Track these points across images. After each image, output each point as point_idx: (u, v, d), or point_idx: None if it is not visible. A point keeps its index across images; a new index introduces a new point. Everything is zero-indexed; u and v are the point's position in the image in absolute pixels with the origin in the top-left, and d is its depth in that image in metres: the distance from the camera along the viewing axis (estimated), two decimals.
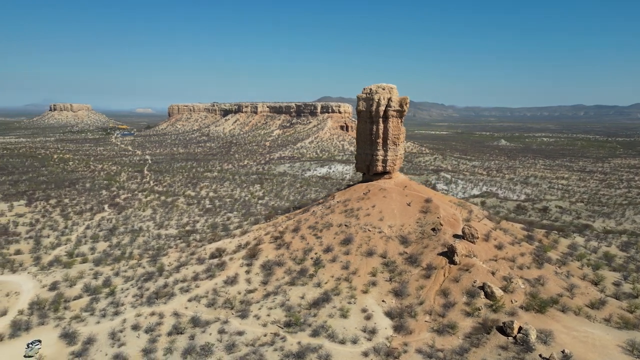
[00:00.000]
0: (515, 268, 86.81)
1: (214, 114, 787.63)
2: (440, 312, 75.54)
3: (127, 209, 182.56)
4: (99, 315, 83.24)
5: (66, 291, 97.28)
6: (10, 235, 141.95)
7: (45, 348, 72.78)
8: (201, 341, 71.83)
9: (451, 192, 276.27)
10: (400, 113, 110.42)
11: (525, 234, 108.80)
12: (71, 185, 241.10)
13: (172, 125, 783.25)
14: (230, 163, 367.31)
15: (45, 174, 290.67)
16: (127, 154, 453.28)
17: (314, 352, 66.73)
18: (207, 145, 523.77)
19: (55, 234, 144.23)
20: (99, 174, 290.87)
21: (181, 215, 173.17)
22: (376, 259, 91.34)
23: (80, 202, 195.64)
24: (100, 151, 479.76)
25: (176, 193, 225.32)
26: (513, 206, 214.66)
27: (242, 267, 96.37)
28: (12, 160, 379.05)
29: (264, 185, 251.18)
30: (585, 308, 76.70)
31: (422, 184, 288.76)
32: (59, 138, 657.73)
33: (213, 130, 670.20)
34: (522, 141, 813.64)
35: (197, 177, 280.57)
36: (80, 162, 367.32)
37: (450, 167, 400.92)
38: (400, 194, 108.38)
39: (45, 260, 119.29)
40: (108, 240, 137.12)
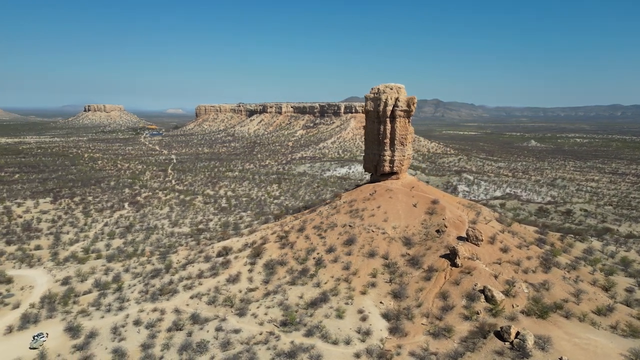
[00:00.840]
0: (520, 272, 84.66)
1: (239, 114, 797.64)
2: (438, 315, 74.43)
3: (145, 207, 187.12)
4: (104, 310, 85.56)
5: (77, 286, 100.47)
6: (32, 231, 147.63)
7: (50, 341, 75.31)
8: (198, 338, 72.83)
9: (472, 193, 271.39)
10: (407, 113, 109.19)
11: (537, 237, 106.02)
12: (96, 184, 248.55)
13: (199, 126, 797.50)
14: (252, 163, 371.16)
15: (74, 173, 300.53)
16: (154, 154, 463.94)
17: (306, 352, 66.78)
18: (231, 145, 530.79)
19: (75, 231, 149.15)
20: (124, 173, 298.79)
21: (196, 214, 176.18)
22: (378, 260, 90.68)
23: (102, 200, 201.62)
24: (128, 150, 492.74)
25: (195, 192, 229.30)
26: (535, 209, 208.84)
27: (246, 265, 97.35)
28: (44, 159, 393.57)
29: (281, 185, 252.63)
30: (591, 314, 74.23)
31: (443, 185, 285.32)
32: (91, 138, 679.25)
33: (238, 130, 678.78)
34: (553, 142, 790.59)
35: (218, 177, 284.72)
36: (109, 161, 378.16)
37: (475, 168, 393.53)
38: (407, 194, 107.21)
39: (62, 255, 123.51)
40: (123, 237, 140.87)
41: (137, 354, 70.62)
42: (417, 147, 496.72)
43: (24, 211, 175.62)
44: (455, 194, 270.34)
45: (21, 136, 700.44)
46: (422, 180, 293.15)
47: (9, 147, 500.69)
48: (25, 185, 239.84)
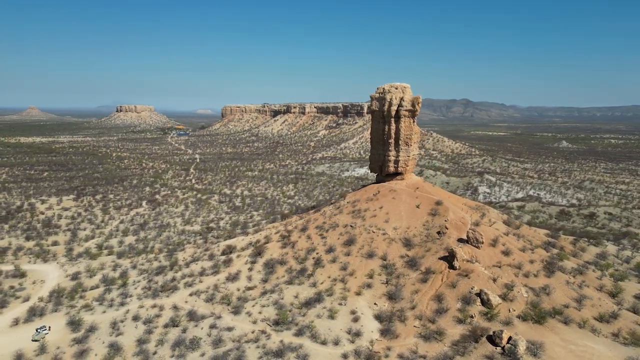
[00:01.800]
0: (521, 275, 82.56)
1: (264, 114, 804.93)
2: (431, 317, 73.37)
3: (162, 205, 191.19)
4: (107, 305, 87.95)
5: (85, 281, 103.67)
6: (51, 227, 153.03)
7: (53, 334, 77.87)
8: (192, 335, 73.93)
9: (493, 195, 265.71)
10: (412, 113, 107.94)
11: (546, 241, 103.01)
12: (119, 182, 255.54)
13: (225, 126, 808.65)
14: (273, 163, 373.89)
15: (100, 171, 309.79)
16: (179, 153, 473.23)
17: (293, 352, 66.93)
18: (254, 145, 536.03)
19: (92, 228, 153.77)
20: (147, 172, 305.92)
21: (209, 212, 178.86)
22: (376, 261, 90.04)
23: (122, 198, 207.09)
24: (155, 150, 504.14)
25: (213, 191, 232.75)
26: (556, 211, 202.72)
27: (247, 264, 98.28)
28: (74, 157, 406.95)
29: (297, 185, 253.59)
30: (592, 321, 71.81)
31: (464, 186, 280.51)
32: (121, 137, 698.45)
33: (262, 130, 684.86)
34: (586, 143, 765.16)
35: (237, 176, 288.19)
36: (134, 160, 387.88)
37: (499, 170, 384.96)
38: (411, 195, 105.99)
39: (76, 251, 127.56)
40: (136, 235, 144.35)
41: (132, 348, 72.28)
42: (441, 148, 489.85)
43: (46, 208, 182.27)
44: (475, 195, 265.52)
45: (55, 136, 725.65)
46: (442, 181, 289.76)
47: (43, 146, 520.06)
48: (52, 183, 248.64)
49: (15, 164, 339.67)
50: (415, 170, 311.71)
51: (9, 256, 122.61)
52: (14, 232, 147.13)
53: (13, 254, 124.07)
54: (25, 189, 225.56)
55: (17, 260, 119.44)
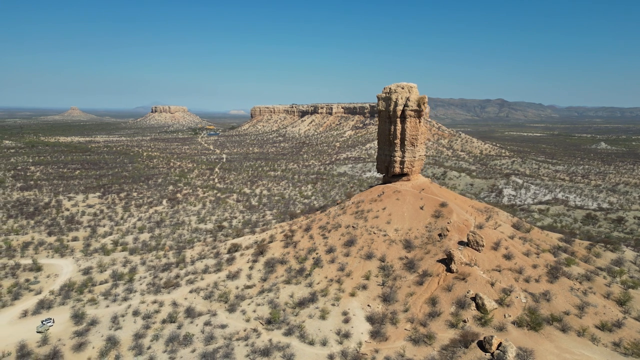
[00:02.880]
0: (521, 280, 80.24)
1: (292, 115, 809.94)
2: (423, 321, 72.23)
3: (181, 204, 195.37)
4: (111, 300, 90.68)
5: (96, 276, 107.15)
6: (74, 223, 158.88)
7: (57, 326, 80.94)
8: (186, 331, 75.49)
9: (519, 197, 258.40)
10: (418, 113, 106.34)
11: (555, 245, 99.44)
12: (145, 181, 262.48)
13: (254, 126, 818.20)
14: (296, 163, 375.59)
15: (129, 170, 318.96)
16: (207, 153, 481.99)
17: (280, 351, 67.32)
18: (280, 146, 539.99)
19: (111, 224, 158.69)
20: (173, 171, 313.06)
21: (225, 211, 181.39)
22: (374, 262, 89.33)
23: (145, 196, 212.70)
24: (184, 150, 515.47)
25: (233, 190, 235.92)
26: (582, 215, 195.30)
27: (248, 263, 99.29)
28: (107, 156, 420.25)
29: (316, 185, 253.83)
30: (593, 329, 69.24)
31: (489, 188, 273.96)
32: (154, 137, 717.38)
33: (289, 131, 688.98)
34: (627, 144, 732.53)
35: (259, 176, 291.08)
36: (163, 159, 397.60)
37: (529, 171, 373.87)
38: (415, 196, 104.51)
39: (93, 247, 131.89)
40: (151, 232, 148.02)
41: (128, 342, 74.33)
42: (470, 149, 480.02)
43: (72, 205, 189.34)
44: (499, 197, 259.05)
45: (93, 135, 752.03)
46: (466, 182, 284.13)
47: (79, 146, 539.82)
48: (82, 181, 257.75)
49: (51, 162, 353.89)
50: (439, 172, 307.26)
51: (30, 250, 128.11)
52: (38, 227, 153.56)
53: (34, 249, 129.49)
54: (56, 187, 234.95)
55: (37, 254, 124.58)
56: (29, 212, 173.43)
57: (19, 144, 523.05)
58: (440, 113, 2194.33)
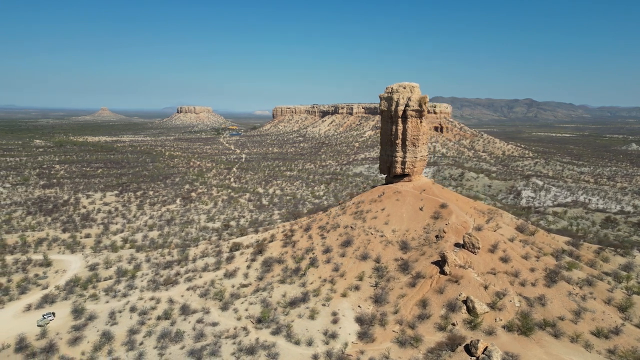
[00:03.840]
0: (517, 284, 78.50)
1: (313, 115, 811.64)
2: (412, 323, 71.52)
3: (193, 202, 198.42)
4: (111, 296, 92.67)
5: (101, 272, 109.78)
6: (88, 220, 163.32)
7: (57, 320, 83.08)
8: (178, 328, 76.71)
9: (538, 199, 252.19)
10: (419, 113, 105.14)
11: (559, 249, 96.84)
12: (163, 180, 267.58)
13: (275, 127, 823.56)
14: (313, 163, 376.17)
15: (150, 169, 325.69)
16: (227, 153, 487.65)
17: (265, 350, 67.67)
18: (300, 146, 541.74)
19: (123, 222, 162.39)
20: (192, 170, 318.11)
21: (234, 210, 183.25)
22: (369, 263, 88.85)
23: (160, 195, 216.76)
24: (206, 149, 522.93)
25: (247, 189, 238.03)
26: (601, 218, 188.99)
27: (246, 262, 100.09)
28: (130, 156, 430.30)
29: (330, 185, 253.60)
30: (588, 335, 67.34)
31: (507, 190, 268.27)
32: (177, 137, 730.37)
33: (310, 131, 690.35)
34: None
35: (275, 175, 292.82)
36: (184, 159, 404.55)
37: (552, 173, 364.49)
38: (415, 197, 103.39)
39: (103, 244, 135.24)
40: (160, 230, 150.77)
41: (122, 338, 75.72)
42: (491, 149, 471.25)
43: (90, 202, 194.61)
44: (518, 199, 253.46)
45: (119, 135, 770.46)
46: (484, 184, 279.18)
47: (105, 145, 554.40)
48: (102, 180, 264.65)
49: (76, 161, 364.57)
50: (456, 173, 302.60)
51: (43, 246, 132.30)
52: (55, 224, 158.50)
53: (48, 245, 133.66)
54: (77, 185, 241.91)
55: (49, 250, 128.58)
56: (47, 209, 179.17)
57: (49, 143, 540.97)
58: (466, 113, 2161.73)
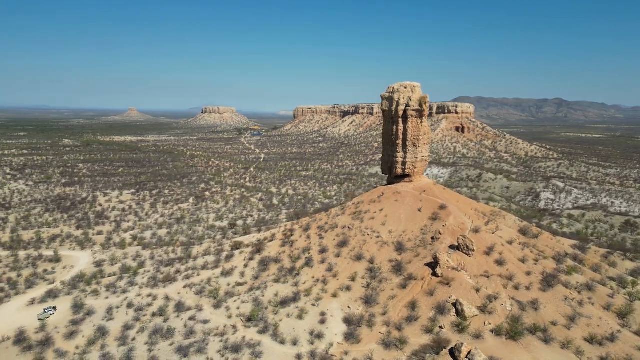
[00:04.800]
0: (510, 287, 76.81)
1: (334, 115, 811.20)
2: (399, 325, 70.93)
3: (205, 201, 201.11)
4: (112, 292, 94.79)
5: (107, 268, 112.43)
6: (102, 218, 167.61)
7: (57, 314, 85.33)
8: (171, 325, 77.91)
9: (557, 201, 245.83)
10: (419, 113, 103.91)
11: (561, 252, 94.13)
12: (180, 179, 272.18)
13: (296, 127, 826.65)
14: (330, 163, 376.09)
15: (169, 168, 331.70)
16: (247, 152, 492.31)
17: (250, 348, 68.16)
18: (319, 146, 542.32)
19: (135, 220, 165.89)
20: (210, 170, 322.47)
21: (244, 209, 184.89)
22: (363, 264, 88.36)
23: (175, 193, 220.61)
24: (226, 149, 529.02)
25: (260, 189, 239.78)
26: (621, 222, 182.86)
27: (244, 261, 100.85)
28: (152, 155, 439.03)
29: (343, 185, 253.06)
30: (580, 341, 65.47)
31: (526, 192, 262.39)
32: (200, 137, 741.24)
33: (330, 131, 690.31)
34: None
35: (290, 175, 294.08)
36: (203, 158, 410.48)
37: (576, 174, 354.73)
38: (415, 198, 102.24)
39: (113, 241, 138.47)
40: (169, 228, 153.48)
41: (116, 333, 77.28)
42: (514, 150, 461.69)
43: (106, 200, 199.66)
44: (536, 202, 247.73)
45: (145, 135, 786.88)
46: (502, 185, 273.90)
47: (130, 145, 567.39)
48: (122, 178, 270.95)
49: (100, 160, 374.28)
50: (474, 174, 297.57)
51: (56, 243, 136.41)
52: (70, 221, 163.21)
53: (61, 241, 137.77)
54: (97, 183, 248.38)
55: (61, 246, 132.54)
56: (65, 207, 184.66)
57: (77, 143, 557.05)
58: (492, 113, 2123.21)
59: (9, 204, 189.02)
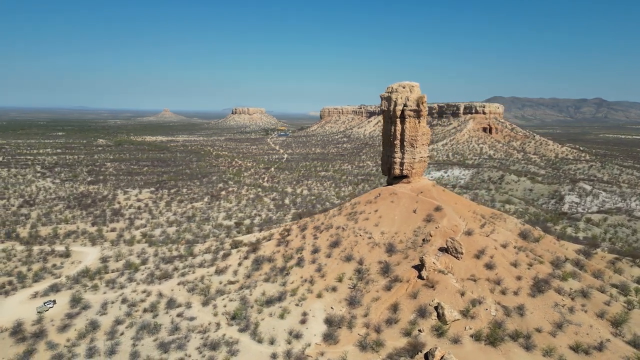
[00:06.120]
0: (497, 292, 74.77)
1: (360, 115, 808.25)
2: (378, 327, 70.20)
3: (219, 200, 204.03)
4: (110, 287, 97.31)
5: (112, 264, 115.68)
6: (118, 215, 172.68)
7: (56, 308, 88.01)
8: (159, 320, 79.50)
9: (582, 205, 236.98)
10: (417, 113, 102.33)
11: (561, 257, 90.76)
12: (200, 178, 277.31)
13: (322, 127, 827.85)
14: (351, 164, 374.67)
15: (193, 167, 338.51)
16: (271, 153, 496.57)
17: (228, 346, 68.88)
18: (343, 146, 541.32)
19: (148, 218, 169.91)
20: (231, 169, 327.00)
21: (254, 208, 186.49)
22: (352, 265, 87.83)
23: (192, 192, 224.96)
24: (252, 150, 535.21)
25: (276, 189, 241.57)
26: None
27: (239, 259, 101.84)
28: (179, 155, 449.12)
29: (359, 186, 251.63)
30: (564, 349, 63.29)
31: (549, 194, 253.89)
32: (228, 137, 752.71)
33: (355, 131, 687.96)
34: None
35: (308, 175, 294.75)
36: (228, 158, 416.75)
37: (607, 177, 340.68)
38: (411, 199, 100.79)
39: (124, 238, 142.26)
40: (178, 226, 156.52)
41: (107, 327, 79.24)
42: (544, 152, 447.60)
43: (125, 198, 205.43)
44: (560, 205, 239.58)
45: (176, 135, 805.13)
46: (525, 188, 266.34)
47: (160, 145, 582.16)
48: (145, 177, 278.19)
49: (128, 159, 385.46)
50: (496, 175, 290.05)
51: (70, 239, 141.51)
52: (87, 218, 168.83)
53: (75, 237, 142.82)
54: (119, 182, 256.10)
55: (74, 242, 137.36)
56: (85, 204, 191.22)
57: (110, 142, 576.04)
58: (527, 114, 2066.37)
59: (34, 200, 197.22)
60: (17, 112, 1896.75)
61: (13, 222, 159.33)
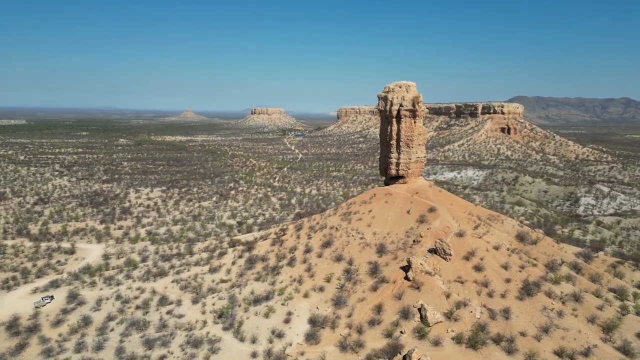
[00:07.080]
0: (484, 294, 73.56)
1: (377, 115, 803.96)
2: (360, 327, 69.88)
3: (226, 200, 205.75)
4: (107, 284, 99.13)
5: (113, 262, 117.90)
6: (126, 213, 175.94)
7: (53, 303, 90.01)
8: (148, 317, 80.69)
9: (598, 207, 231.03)
10: (413, 113, 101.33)
11: (556, 260, 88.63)
12: (212, 178, 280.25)
13: (339, 127, 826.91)
14: (365, 164, 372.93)
15: (207, 167, 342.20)
16: (286, 153, 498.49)
17: (210, 344, 69.48)
18: (358, 147, 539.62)
19: (155, 216, 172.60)
20: (244, 169, 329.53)
21: (259, 208, 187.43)
22: (342, 265, 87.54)
23: (202, 191, 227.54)
24: (267, 149, 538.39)
25: (285, 189, 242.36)
26: None
27: (234, 258, 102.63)
28: (196, 154, 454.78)
29: (367, 186, 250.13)
30: (548, 354, 62.07)
31: (565, 196, 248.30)
32: (245, 137, 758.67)
33: (372, 131, 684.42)
34: None
35: (319, 176, 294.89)
36: (243, 158, 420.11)
37: (628, 179, 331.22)
38: (405, 200, 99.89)
39: (129, 236, 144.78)
40: (183, 225, 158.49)
41: (98, 323, 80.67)
42: (563, 153, 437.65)
43: (136, 197, 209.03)
44: (575, 207, 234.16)
45: (195, 135, 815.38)
46: (540, 189, 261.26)
47: (178, 144, 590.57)
48: (159, 176, 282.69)
49: (144, 158, 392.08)
50: (510, 176, 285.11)
51: (78, 236, 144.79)
52: (97, 216, 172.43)
53: (83, 234, 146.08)
54: (133, 180, 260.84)
55: (81, 239, 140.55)
56: (97, 202, 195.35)
57: (130, 142, 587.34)
58: (552, 114, 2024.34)
59: (48, 198, 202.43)
60: (45, 113, 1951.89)
61: (26, 219, 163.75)
